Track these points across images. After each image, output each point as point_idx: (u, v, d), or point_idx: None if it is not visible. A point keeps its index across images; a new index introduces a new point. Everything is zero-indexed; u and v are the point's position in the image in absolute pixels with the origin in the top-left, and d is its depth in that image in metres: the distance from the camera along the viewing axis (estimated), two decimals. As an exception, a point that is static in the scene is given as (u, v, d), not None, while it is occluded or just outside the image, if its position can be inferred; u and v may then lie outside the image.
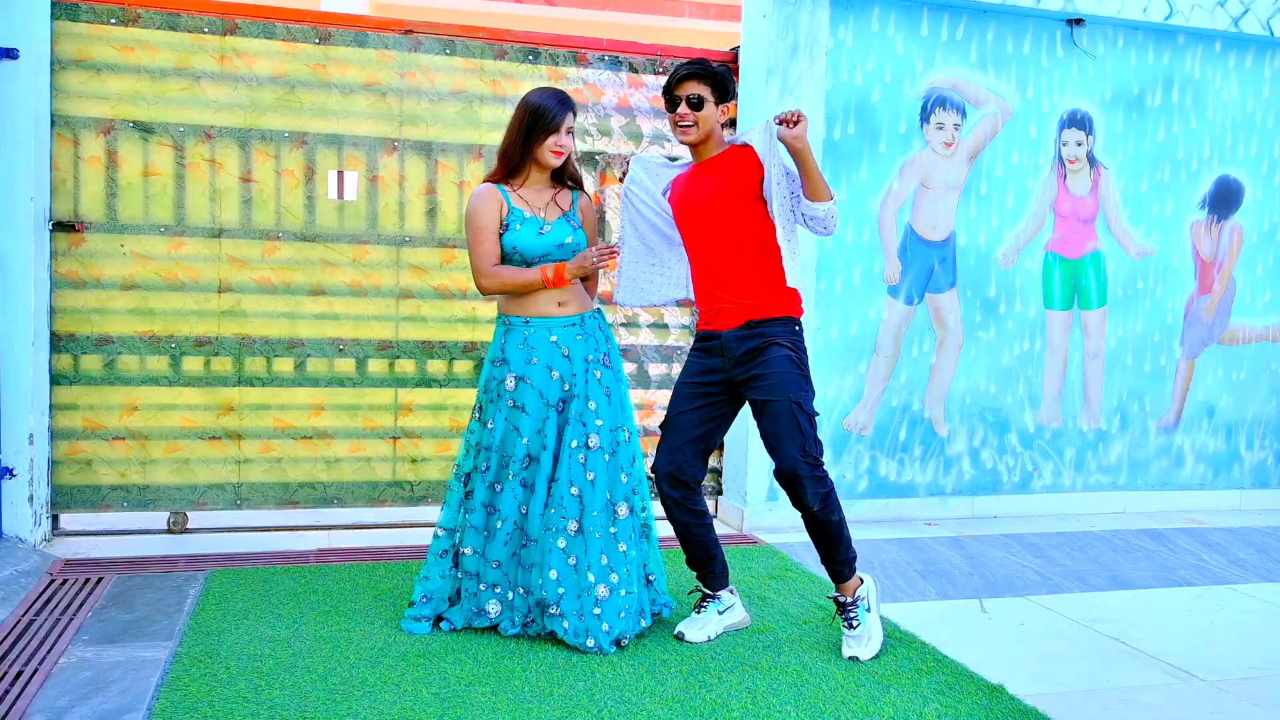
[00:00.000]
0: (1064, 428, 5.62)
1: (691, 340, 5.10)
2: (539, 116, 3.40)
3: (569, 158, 3.53)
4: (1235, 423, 5.96)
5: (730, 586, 3.66)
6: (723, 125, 3.45)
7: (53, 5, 4.23)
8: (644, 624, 3.50)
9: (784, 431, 3.32)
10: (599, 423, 3.45)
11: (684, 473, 3.49)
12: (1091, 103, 5.50)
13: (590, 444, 3.43)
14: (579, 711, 2.92)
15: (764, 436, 3.39)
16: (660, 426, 3.59)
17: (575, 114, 3.47)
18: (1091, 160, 5.53)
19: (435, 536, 3.57)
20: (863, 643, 3.41)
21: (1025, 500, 5.56)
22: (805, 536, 4.82)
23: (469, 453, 3.56)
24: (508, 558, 3.45)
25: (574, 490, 3.40)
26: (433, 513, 4.77)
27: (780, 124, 3.27)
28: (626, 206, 3.63)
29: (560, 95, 3.45)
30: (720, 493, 5.24)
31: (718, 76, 3.37)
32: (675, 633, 3.53)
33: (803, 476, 3.30)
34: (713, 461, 5.21)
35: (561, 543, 3.37)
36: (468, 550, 3.49)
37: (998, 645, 3.61)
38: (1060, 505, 5.63)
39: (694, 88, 3.35)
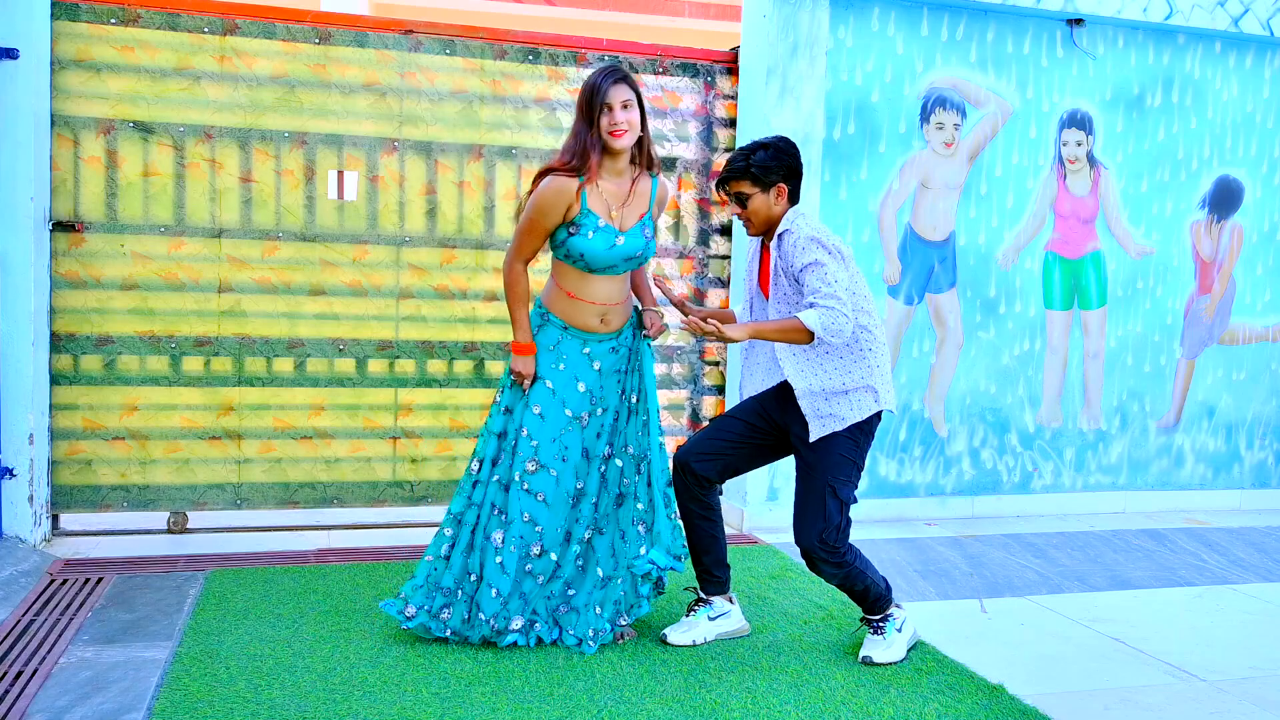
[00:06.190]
0: (1064, 428, 5.62)
1: (692, 340, 5.11)
2: (589, 97, 3.24)
3: (645, 138, 3.34)
4: (1235, 423, 5.96)
5: (730, 595, 3.60)
6: (787, 199, 3.30)
7: (53, 5, 4.22)
8: (623, 621, 3.42)
9: (809, 510, 3.30)
10: (631, 437, 3.46)
11: (696, 469, 3.48)
12: (1091, 103, 5.50)
13: (629, 451, 3.46)
14: (579, 711, 2.92)
15: (795, 499, 3.38)
16: (712, 418, 3.57)
17: (633, 86, 3.26)
18: (1091, 160, 5.53)
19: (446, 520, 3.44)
20: (881, 648, 3.38)
21: (1025, 500, 5.56)
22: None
23: (487, 440, 3.41)
24: (545, 574, 3.43)
25: (595, 501, 3.45)
26: (432, 513, 4.77)
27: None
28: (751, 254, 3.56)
29: (609, 68, 3.28)
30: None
31: (751, 169, 3.24)
32: (659, 635, 3.49)
33: (816, 560, 3.32)
34: (713, 461, 5.20)
35: (575, 551, 3.43)
36: (496, 560, 3.34)
37: (998, 645, 3.61)
38: (1060, 505, 5.63)
39: (735, 187, 3.28)
